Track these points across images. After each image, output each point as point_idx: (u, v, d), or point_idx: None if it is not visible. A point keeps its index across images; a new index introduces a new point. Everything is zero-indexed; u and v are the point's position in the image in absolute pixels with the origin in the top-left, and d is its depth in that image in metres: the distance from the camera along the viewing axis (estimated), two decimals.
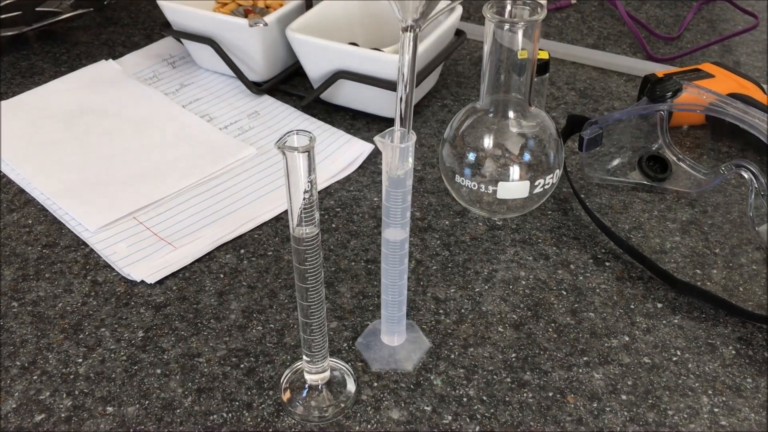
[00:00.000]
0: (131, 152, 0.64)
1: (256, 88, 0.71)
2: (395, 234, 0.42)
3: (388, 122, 0.65)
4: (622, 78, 0.74)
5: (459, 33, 0.70)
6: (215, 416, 0.44)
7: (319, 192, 0.61)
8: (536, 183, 0.54)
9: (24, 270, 0.54)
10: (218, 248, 0.55)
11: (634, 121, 0.60)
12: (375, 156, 0.64)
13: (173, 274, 0.53)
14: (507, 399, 0.45)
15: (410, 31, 0.38)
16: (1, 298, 0.51)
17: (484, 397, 0.45)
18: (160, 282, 0.53)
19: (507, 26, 0.50)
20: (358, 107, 0.68)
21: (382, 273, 0.44)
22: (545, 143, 0.54)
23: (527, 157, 0.54)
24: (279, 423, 0.44)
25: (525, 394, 0.45)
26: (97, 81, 0.73)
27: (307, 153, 0.35)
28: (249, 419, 0.44)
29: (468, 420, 0.43)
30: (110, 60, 0.76)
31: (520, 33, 0.50)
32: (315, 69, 0.66)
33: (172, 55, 0.77)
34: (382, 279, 0.45)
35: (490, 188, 0.54)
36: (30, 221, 0.58)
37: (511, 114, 0.54)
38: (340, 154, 0.63)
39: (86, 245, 0.56)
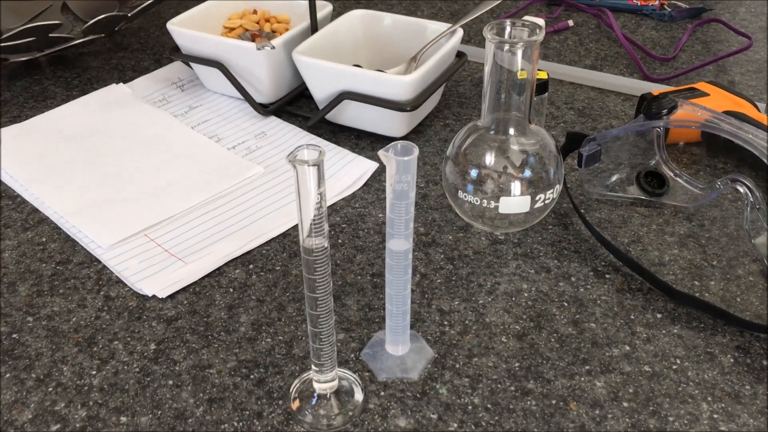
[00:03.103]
0: (142, 172, 0.65)
1: (263, 109, 0.73)
2: (399, 244, 0.43)
3: (392, 141, 0.67)
4: (619, 97, 0.76)
5: (460, 55, 0.72)
6: (226, 425, 0.45)
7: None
8: (537, 198, 0.55)
9: (38, 286, 0.55)
10: (227, 264, 0.57)
11: (631, 138, 0.61)
12: (379, 174, 0.65)
13: (184, 289, 0.55)
14: (511, 407, 0.46)
15: None
16: (17, 313, 0.53)
17: (489, 405, 0.46)
18: (171, 296, 0.54)
19: (507, 47, 0.52)
20: (362, 127, 0.70)
21: (387, 283, 0.46)
22: (545, 160, 0.56)
23: (528, 173, 0.55)
24: (288, 431, 0.45)
25: (528, 402, 0.46)
26: (107, 104, 0.75)
27: (316, 166, 0.36)
28: (259, 428, 0.45)
29: (473, 427, 0.45)
30: (120, 84, 0.78)
31: (519, 53, 0.52)
32: (320, 90, 0.68)
33: (180, 79, 0.79)
34: (387, 289, 0.46)
35: (492, 203, 0.55)
36: (44, 239, 0.59)
37: (511, 131, 0.55)
38: (346, 172, 0.65)
39: (99, 262, 0.57)
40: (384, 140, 0.69)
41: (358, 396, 0.46)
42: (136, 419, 0.46)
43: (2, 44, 0.71)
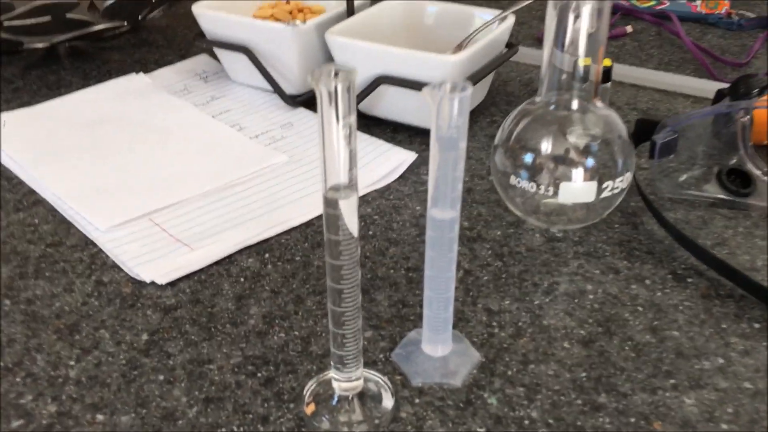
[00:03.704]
0: (153, 158, 0.59)
1: (292, 100, 0.66)
2: (444, 212, 0.35)
3: None
4: (688, 100, 0.67)
5: (510, 46, 0.65)
6: (224, 429, 0.36)
7: None
8: (604, 186, 0.47)
9: (22, 268, 0.48)
10: (240, 252, 0.49)
11: (710, 129, 0.53)
12: (418, 166, 0.58)
13: (187, 276, 0.47)
14: (579, 423, 0.37)
15: None
16: None
17: (551, 421, 0.37)
18: (172, 284, 0.46)
19: (573, 5, 0.44)
20: (399, 119, 0.62)
21: (426, 263, 0.37)
22: (614, 143, 0.48)
23: (593, 157, 0.47)
24: None
25: (600, 419, 0.37)
26: (124, 92, 0.69)
27: (347, 86, 0.29)
28: None
29: None
30: (141, 73, 0.72)
31: (586, 13, 0.44)
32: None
33: (205, 71, 0.73)
34: (426, 271, 0.38)
35: (551, 191, 0.47)
36: (36, 221, 0.52)
37: (575, 109, 0.48)
38: (380, 162, 0.57)
39: (94, 245, 0.50)
40: (424, 133, 0.62)
41: (387, 402, 0.37)
42: (115, 418, 0.37)
43: (15, 22, 0.65)
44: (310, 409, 0.37)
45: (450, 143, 0.33)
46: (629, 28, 0.81)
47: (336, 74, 0.29)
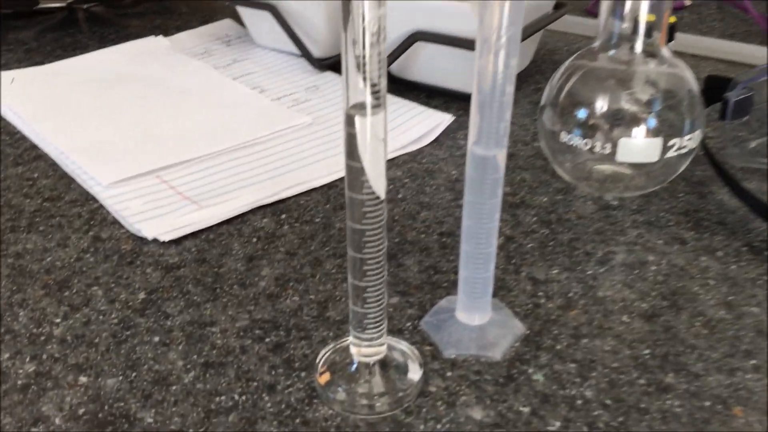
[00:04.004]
0: (166, 116, 0.54)
1: (319, 63, 0.61)
2: (488, 148, 0.30)
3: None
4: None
5: (559, 6, 0.59)
6: (223, 398, 0.31)
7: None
8: (670, 144, 0.41)
9: (15, 222, 0.43)
10: (253, 211, 0.44)
11: None
12: (455, 131, 0.52)
13: (194, 235, 0.42)
14: (642, 406, 0.31)
15: None
16: None
17: (608, 401, 0.31)
18: (177, 242, 0.41)
19: None
20: (435, 82, 0.57)
21: (465, 210, 0.32)
22: (682, 97, 0.42)
23: (658, 112, 0.41)
24: (310, 412, 0.30)
25: (669, 402, 0.31)
26: (141, 53, 0.65)
27: None
28: (269, 404, 0.31)
29: (586, 429, 0.30)
30: (160, 36, 0.68)
31: None
32: (388, 33, 0.56)
33: (228, 35, 0.69)
34: (464, 220, 0.32)
35: (608, 148, 0.41)
36: (36, 175, 0.48)
37: (638, 54, 0.42)
38: (412, 125, 0.52)
39: (95, 201, 0.45)
40: (461, 99, 0.56)
41: (414, 373, 0.32)
42: (99, 381, 0.32)
43: None
44: (324, 379, 0.32)
45: (498, 59, 0.28)
46: (687, 1, 0.75)
47: None
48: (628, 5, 0.40)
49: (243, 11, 0.65)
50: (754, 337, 0.34)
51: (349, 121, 0.26)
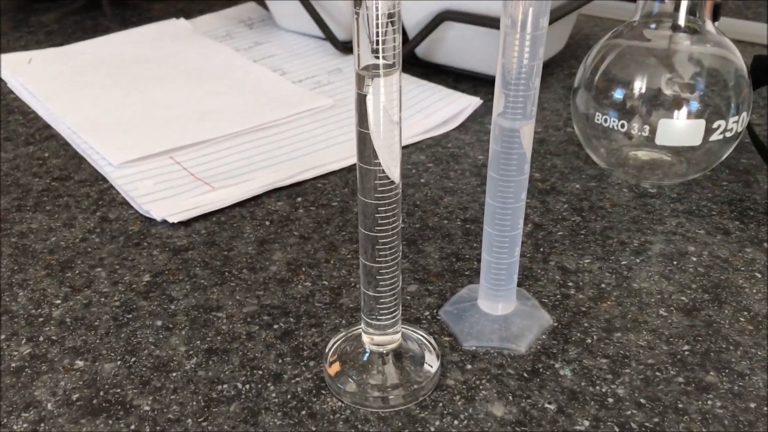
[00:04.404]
0: (182, 97, 0.52)
1: (343, 46, 0.59)
2: (514, 119, 0.27)
3: None
4: None
5: None
6: (226, 386, 0.29)
7: (407, 147, 0.47)
8: (714, 126, 0.38)
9: (21, 201, 0.42)
10: (268, 194, 0.42)
11: None
12: (483, 115, 0.50)
13: (205, 217, 0.40)
14: (680, 406, 0.28)
15: None
16: None
17: (642, 400, 0.28)
18: (186, 224, 0.39)
19: None
20: (463, 65, 0.54)
21: (488, 189, 0.29)
22: (728, 78, 0.39)
23: (701, 92, 0.38)
24: (318, 403, 0.28)
25: (710, 402, 0.28)
26: (161, 35, 0.63)
27: None
28: (274, 395, 0.29)
29: (618, 429, 0.27)
30: (181, 18, 0.66)
31: None
32: (414, 12, 0.53)
33: (251, 18, 0.67)
34: (487, 200, 0.29)
35: (646, 130, 0.38)
36: (47, 154, 0.47)
37: (681, 28, 0.39)
38: (438, 108, 0.49)
39: (105, 181, 0.43)
40: (489, 83, 0.54)
41: (431, 365, 0.29)
42: (97, 365, 0.30)
43: None
44: (333, 369, 0.29)
45: (527, 17, 0.25)
46: None
47: None
48: None
49: None
50: None
51: (359, 83, 0.24)
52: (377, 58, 0.23)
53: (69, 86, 0.54)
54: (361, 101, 0.24)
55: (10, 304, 0.34)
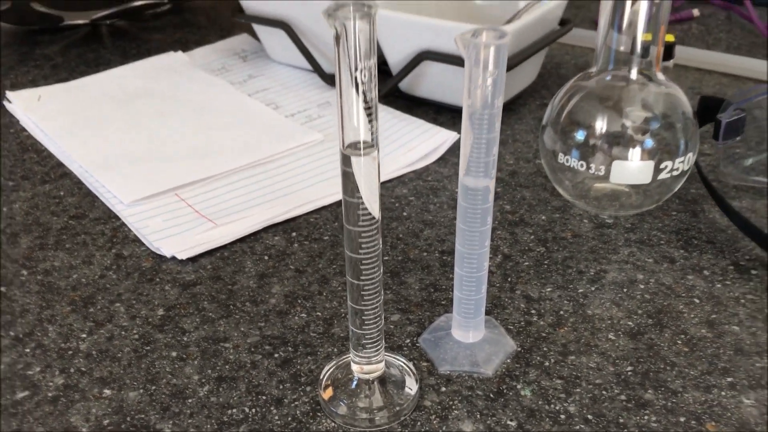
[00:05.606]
0: (183, 132, 0.57)
1: (330, 78, 0.63)
2: (477, 179, 0.32)
3: None
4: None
5: (564, 23, 0.61)
6: (235, 410, 0.34)
7: (391, 180, 0.51)
8: (662, 166, 0.43)
9: (43, 239, 0.46)
10: (266, 229, 0.47)
11: None
12: (459, 148, 0.54)
13: (209, 253, 0.45)
14: (621, 421, 0.33)
15: None
16: (11, 265, 0.44)
17: (589, 416, 0.33)
18: (194, 260, 0.44)
19: None
20: (442, 99, 0.59)
21: (458, 237, 0.34)
22: (676, 121, 0.44)
23: (651, 135, 0.43)
24: (314, 425, 0.33)
25: (646, 417, 0.33)
26: (160, 69, 0.67)
27: (366, 22, 0.26)
28: (277, 417, 0.33)
29: None
30: (179, 51, 0.71)
31: None
32: (397, 51, 0.58)
33: (244, 50, 0.71)
34: (457, 246, 0.34)
35: (602, 170, 0.43)
36: (62, 193, 0.51)
37: (634, 80, 0.44)
38: (419, 143, 0.54)
39: (117, 218, 0.48)
40: None
41: (411, 388, 0.34)
42: (122, 393, 0.35)
43: None
44: (327, 393, 0.34)
45: (485, 99, 0.30)
46: (696, 12, 0.76)
47: (354, 8, 0.26)
48: (625, 23, 0.42)
49: (258, 28, 0.67)
50: (732, 355, 0.36)
51: (345, 161, 0.29)
52: (364, 139, 0.28)
53: (77, 123, 0.58)
54: (347, 177, 0.29)
55: (42, 338, 0.39)
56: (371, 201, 0.29)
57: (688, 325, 0.38)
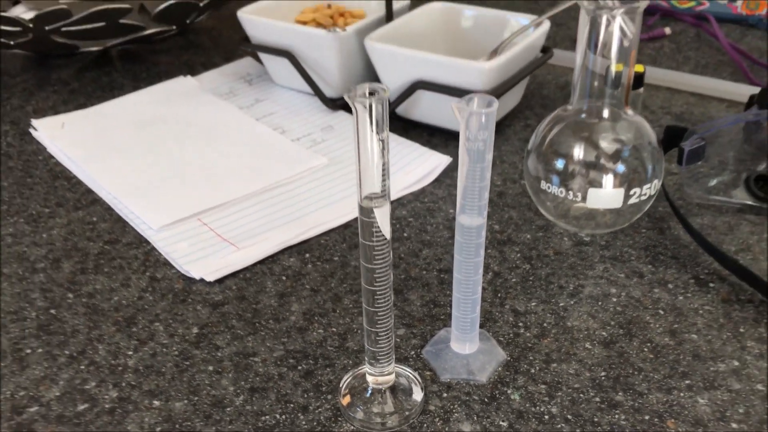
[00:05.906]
0: (200, 158, 0.62)
1: (332, 103, 0.69)
2: (472, 218, 0.38)
3: None
4: (723, 104, 0.68)
5: (546, 50, 0.67)
6: (267, 417, 0.40)
7: (392, 203, 0.57)
8: (631, 192, 0.49)
9: (83, 264, 0.52)
10: (282, 251, 0.52)
11: (739, 136, 0.54)
12: (453, 170, 0.60)
13: (233, 274, 0.50)
14: (595, 419, 0.39)
15: None
16: (58, 289, 0.49)
17: (569, 416, 0.39)
18: (220, 281, 0.50)
19: (605, 14, 0.46)
20: (436, 123, 0.65)
21: (455, 266, 0.40)
22: (643, 150, 0.50)
23: (622, 164, 0.49)
24: (336, 428, 0.39)
25: (617, 416, 0.39)
26: (173, 94, 0.73)
27: (381, 104, 0.31)
28: (304, 422, 0.39)
29: None
30: (188, 76, 0.76)
31: (618, 21, 0.46)
32: (393, 80, 0.63)
33: (249, 74, 0.77)
34: (455, 273, 0.40)
35: (579, 196, 0.49)
36: (95, 219, 0.56)
37: (605, 117, 0.49)
38: (415, 166, 0.60)
39: (148, 243, 0.53)
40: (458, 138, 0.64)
41: (417, 395, 0.40)
42: (170, 404, 0.41)
43: (73, 27, 0.70)
44: (346, 401, 0.40)
45: (477, 156, 0.36)
46: (668, 30, 0.82)
47: (371, 93, 0.31)
48: (598, 61, 0.47)
49: (262, 54, 0.72)
50: (690, 360, 0.42)
51: (363, 212, 0.34)
52: (379, 192, 0.33)
53: (101, 149, 0.64)
54: (364, 224, 0.34)
55: (94, 355, 0.44)
56: (384, 242, 0.35)
57: (654, 334, 0.44)
